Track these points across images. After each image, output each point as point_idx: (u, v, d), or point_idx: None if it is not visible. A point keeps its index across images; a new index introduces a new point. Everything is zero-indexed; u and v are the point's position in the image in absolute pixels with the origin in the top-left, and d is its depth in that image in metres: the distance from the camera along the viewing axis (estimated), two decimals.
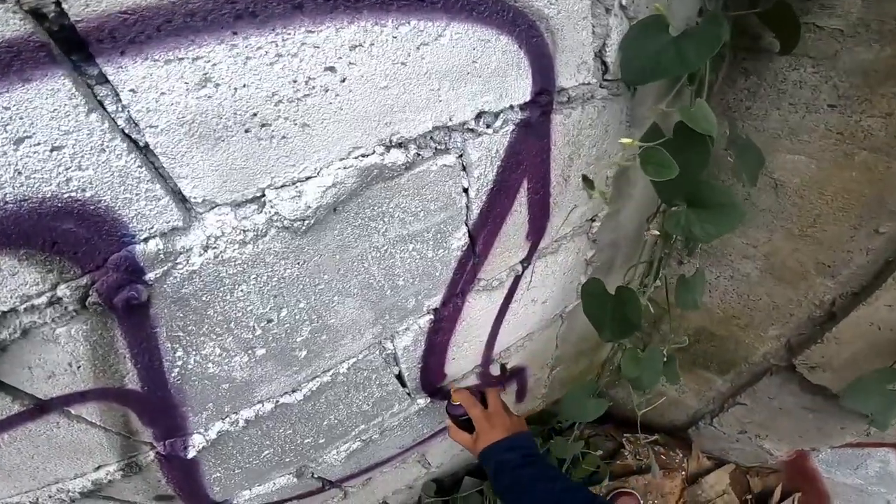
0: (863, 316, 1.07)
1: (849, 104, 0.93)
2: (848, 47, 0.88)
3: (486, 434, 0.96)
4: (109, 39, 0.37)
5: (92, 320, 0.51)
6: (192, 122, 0.43)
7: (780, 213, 1.12)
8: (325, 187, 0.53)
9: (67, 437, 0.63)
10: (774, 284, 1.23)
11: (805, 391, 1.33)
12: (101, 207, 0.44)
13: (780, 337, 1.31)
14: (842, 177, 0.99)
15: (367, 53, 0.49)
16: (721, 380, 1.57)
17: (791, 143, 1.03)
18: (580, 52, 0.72)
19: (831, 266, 1.10)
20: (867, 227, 1.01)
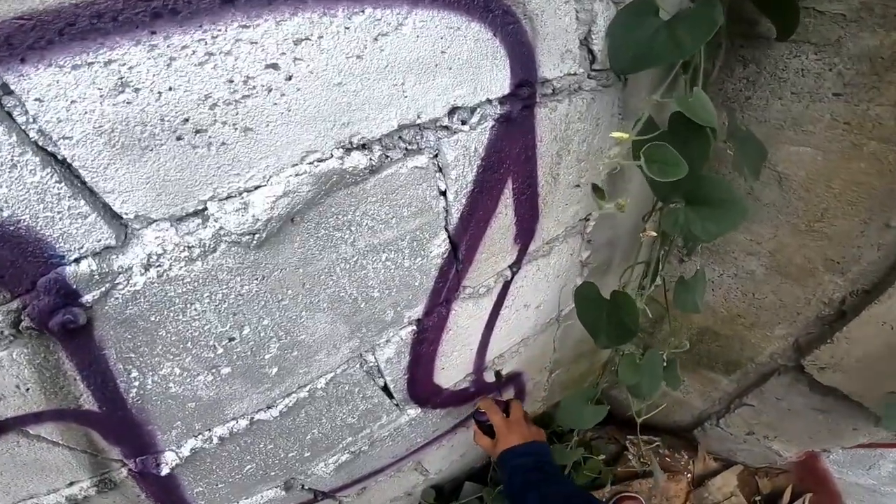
0: (875, 315, 1.03)
1: (855, 92, 0.89)
2: (852, 33, 0.84)
3: (504, 439, 1.04)
4: (6, 46, 0.33)
5: (32, 344, 0.48)
6: (111, 132, 0.39)
7: (785, 208, 1.07)
8: (276, 197, 0.49)
9: (31, 455, 0.61)
10: (781, 282, 1.19)
11: (815, 392, 1.30)
12: (21, 227, 0.40)
13: (787, 336, 1.27)
14: (850, 169, 0.95)
15: (315, 47, 0.45)
16: (727, 380, 1.53)
17: (795, 134, 0.99)
18: (563, 40, 0.68)
19: (840, 262, 1.06)
20: (878, 220, 0.97)
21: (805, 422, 1.42)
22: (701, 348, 1.50)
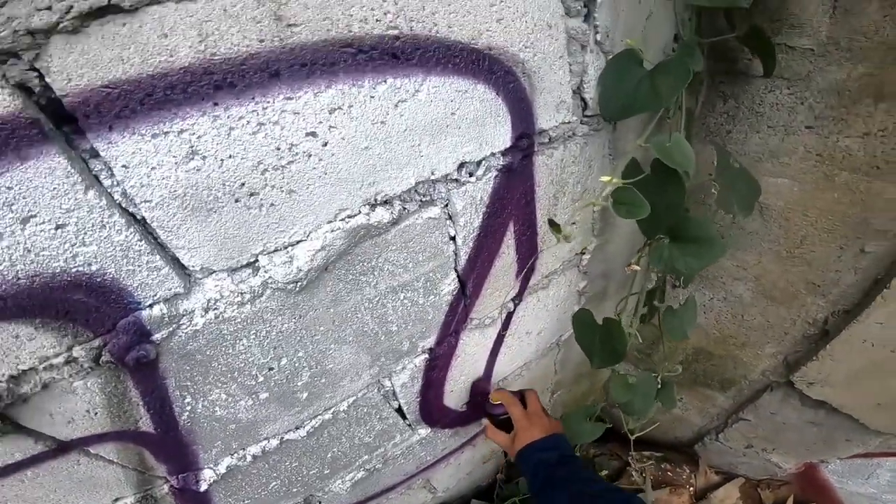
0: (855, 333, 1.08)
1: (825, 125, 0.94)
2: (820, 67, 0.89)
3: (525, 433, 0.98)
4: (96, 114, 0.41)
5: (106, 374, 0.56)
6: (183, 196, 0.48)
7: (767, 236, 1.14)
8: (315, 250, 0.57)
9: (87, 472, 0.67)
10: (767, 304, 1.25)
11: (807, 406, 1.34)
12: (107, 279, 0.48)
13: (776, 355, 1.32)
14: (824, 198, 1.00)
15: (346, 115, 0.53)
16: (723, 397, 1.58)
17: (773, 166, 1.04)
18: (558, 92, 0.75)
19: (821, 285, 1.11)
20: (853, 246, 1.01)
21: (800, 434, 1.46)
22: (697, 367, 1.55)
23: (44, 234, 0.43)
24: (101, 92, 0.40)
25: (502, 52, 0.63)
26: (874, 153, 0.90)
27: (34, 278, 0.44)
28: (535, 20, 0.65)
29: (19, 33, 0.35)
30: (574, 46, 0.73)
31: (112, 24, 0.38)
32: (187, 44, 0.41)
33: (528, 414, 1.02)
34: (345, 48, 0.49)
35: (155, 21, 0.39)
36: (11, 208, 0.40)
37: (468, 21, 0.57)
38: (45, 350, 0.49)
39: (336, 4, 0.46)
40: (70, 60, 0.38)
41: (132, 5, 0.38)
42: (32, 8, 0.34)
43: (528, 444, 0.95)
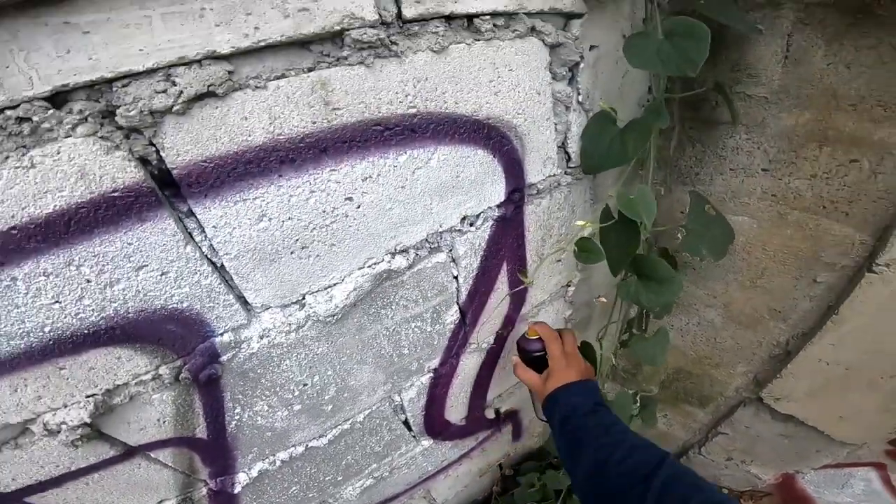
0: (812, 353, 1.18)
1: (778, 168, 1.03)
2: (773, 113, 0.98)
3: (561, 372, 0.88)
4: (196, 184, 0.54)
5: (179, 389, 0.69)
6: (254, 249, 0.62)
7: (732, 268, 1.26)
8: (349, 291, 0.72)
9: (144, 475, 0.77)
10: (736, 328, 1.36)
11: (776, 420, 1.44)
12: (193, 313, 0.62)
13: (747, 373, 1.43)
14: (780, 234, 1.12)
15: (375, 183, 0.67)
16: (703, 412, 1.68)
17: (735, 205, 1.15)
18: (545, 150, 0.87)
19: (782, 311, 1.22)
20: (807, 277, 1.12)
21: (773, 446, 1.55)
22: (678, 385, 1.66)
23: (151, 279, 0.57)
24: (201, 165, 0.53)
25: (499, 120, 0.76)
26: (820, 194, 1.00)
27: (140, 313, 0.58)
28: (527, 89, 0.77)
29: (143, 113, 0.47)
30: (559, 108, 0.85)
31: (209, 108, 0.51)
32: (261, 125, 0.54)
33: (567, 353, 0.92)
34: (375, 126, 0.63)
35: (238, 105, 0.52)
36: (130, 259, 0.54)
37: (471, 97, 0.71)
38: (139, 368, 0.63)
39: (369, 90, 0.60)
40: (179, 138, 0.51)
41: (223, 92, 0.50)
42: (152, 91, 0.47)
43: (565, 385, 0.85)
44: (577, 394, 0.84)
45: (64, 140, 0.46)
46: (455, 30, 0.65)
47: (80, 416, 0.61)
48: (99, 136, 0.47)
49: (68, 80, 0.44)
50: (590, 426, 0.77)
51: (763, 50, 0.94)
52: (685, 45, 0.72)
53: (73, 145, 0.46)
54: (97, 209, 0.50)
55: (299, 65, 0.55)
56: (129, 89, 0.46)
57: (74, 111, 0.46)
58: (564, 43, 0.78)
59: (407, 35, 0.61)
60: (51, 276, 0.51)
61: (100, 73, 0.44)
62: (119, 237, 0.52)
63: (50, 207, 0.47)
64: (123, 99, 0.47)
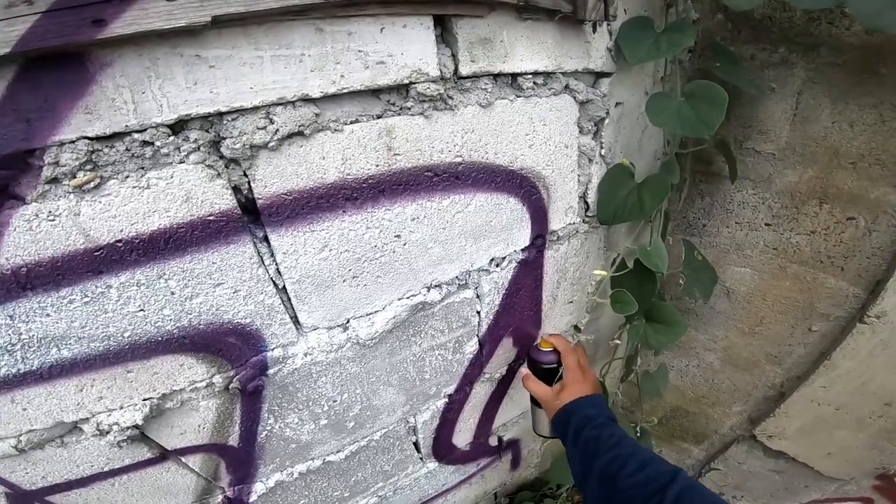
0: (804, 395, 1.25)
1: (780, 223, 1.09)
2: (779, 170, 1.03)
3: (577, 385, 0.88)
4: (276, 214, 0.60)
5: (225, 397, 0.73)
6: (314, 276, 0.68)
7: (732, 315, 1.33)
8: (388, 319, 0.78)
9: (169, 479, 0.79)
10: (734, 371, 1.43)
11: (768, 456, 1.49)
12: (253, 329, 0.68)
13: (742, 412, 1.49)
14: (779, 286, 1.18)
15: (421, 223, 0.73)
16: (697, 449, 1.73)
17: (738, 257, 1.22)
18: (568, 199, 0.93)
19: (777, 356, 1.29)
20: (802, 326, 1.19)
21: (764, 482, 1.60)
22: (674, 423, 1.72)
23: (226, 295, 0.63)
24: (282, 198, 0.59)
25: (531, 171, 0.82)
26: (818, 249, 1.06)
27: (210, 325, 0.64)
28: (557, 143, 0.84)
29: (245, 146, 0.53)
30: (583, 160, 0.91)
31: (295, 146, 0.57)
32: (334, 165, 0.61)
33: (582, 367, 0.92)
34: (426, 172, 0.70)
35: (319, 145, 0.58)
36: (211, 277, 0.60)
37: (509, 149, 0.77)
38: (196, 376, 0.68)
39: (425, 139, 0.67)
40: (268, 171, 0.56)
41: (310, 132, 0.57)
42: (255, 126, 0.53)
43: (581, 397, 0.86)
44: (593, 405, 0.85)
45: (178, 165, 0.51)
46: (500, 86, 0.72)
47: (134, 419, 0.65)
48: (206, 164, 0.53)
49: (191, 111, 0.49)
50: (604, 437, 0.77)
51: (774, 107, 1.00)
52: (703, 107, 0.78)
53: (185, 171, 0.52)
54: (194, 230, 0.55)
55: (370, 112, 0.62)
56: (236, 123, 0.52)
57: (190, 139, 0.51)
58: (593, 100, 0.84)
59: (460, 90, 0.68)
60: (142, 287, 0.56)
61: (217, 107, 0.50)
62: (207, 256, 0.58)
63: (155, 225, 0.53)
64: (231, 132, 0.52)
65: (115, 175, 0.49)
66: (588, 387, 0.89)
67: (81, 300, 0.54)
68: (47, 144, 0.45)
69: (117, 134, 0.47)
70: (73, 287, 0.53)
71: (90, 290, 0.54)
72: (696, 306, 1.39)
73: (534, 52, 0.71)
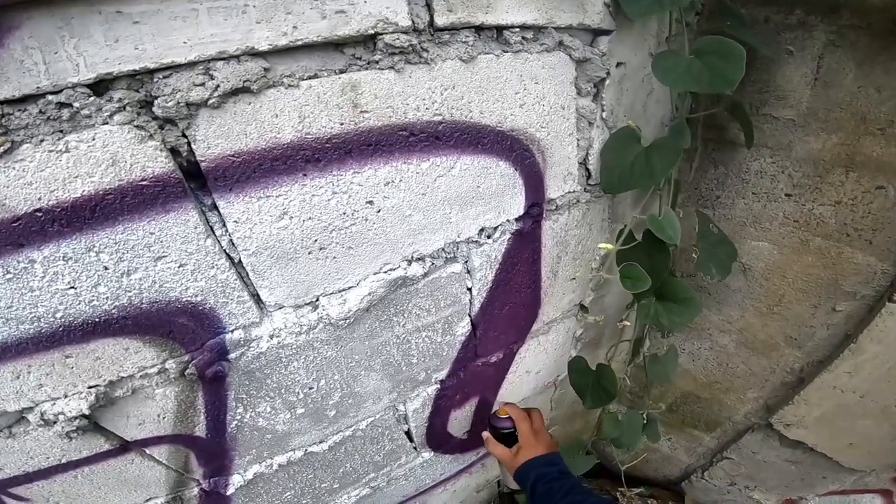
0: (826, 381, 1.17)
1: (802, 193, 1.02)
2: (800, 137, 0.96)
3: (530, 448, 1.04)
4: (223, 178, 0.53)
5: (183, 384, 0.67)
6: (273, 247, 0.61)
7: (749, 294, 1.24)
8: (363, 295, 0.70)
9: (135, 472, 0.76)
10: (750, 355, 1.34)
11: (785, 445, 1.42)
12: (206, 308, 0.61)
13: (758, 399, 1.41)
14: (800, 262, 1.10)
15: (397, 188, 0.66)
16: (708, 437, 1.66)
17: (755, 230, 1.14)
18: (566, 165, 0.86)
19: (797, 339, 1.21)
20: (826, 305, 1.11)
21: (779, 472, 1.53)
22: (684, 409, 1.64)
23: (170, 270, 0.56)
24: (229, 160, 0.53)
25: (522, 132, 0.75)
26: (844, 221, 0.98)
27: (154, 304, 0.57)
28: (552, 103, 0.77)
29: (180, 104, 0.47)
30: (582, 123, 0.84)
31: (242, 103, 0.51)
32: (290, 124, 0.54)
33: (534, 430, 1.07)
34: (401, 132, 0.62)
35: (270, 102, 0.52)
36: (150, 249, 0.53)
37: (497, 108, 0.70)
38: (145, 361, 0.61)
39: (397, 95, 0.60)
40: (211, 131, 0.50)
41: (258, 88, 0.50)
42: (191, 83, 0.47)
43: (532, 458, 1.00)
44: (546, 464, 1.00)
45: (101, 127, 0.46)
46: (484, 41, 0.65)
47: (80, 408, 0.60)
48: (135, 124, 0.47)
49: (112, 69, 0.44)
50: (555, 489, 0.92)
51: (792, 72, 0.93)
52: (719, 63, 0.71)
53: (109, 132, 0.46)
54: (124, 197, 0.49)
55: (332, 66, 0.55)
56: (169, 80, 0.47)
57: (114, 99, 0.46)
58: (591, 59, 0.77)
59: (437, 43, 0.61)
60: (70, 261, 0.50)
61: (144, 64, 0.45)
62: (142, 226, 0.52)
63: (78, 192, 0.47)
64: (163, 90, 0.47)
65: (29, 139, 0.44)
66: (541, 448, 1.04)
67: (3, 276, 0.49)
68: None
69: (30, 96, 0.43)
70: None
71: (11, 266, 0.48)
72: (708, 284, 1.30)
73: (521, 2, 0.64)
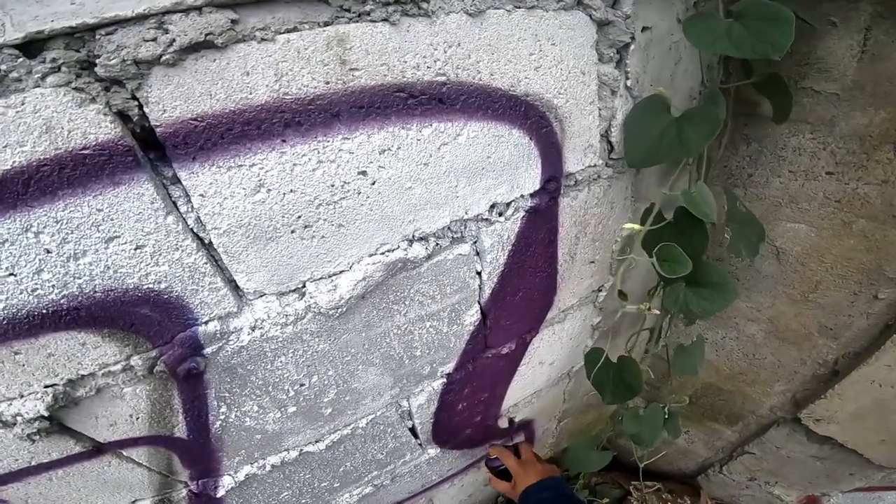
0: (864, 374, 1.10)
1: (846, 171, 0.95)
2: (844, 112, 0.90)
3: (522, 480, 1.13)
4: (183, 145, 0.45)
5: (155, 383, 0.60)
6: (248, 225, 0.52)
7: (782, 280, 1.16)
8: (357, 281, 0.62)
9: (115, 474, 0.70)
10: (779, 345, 1.27)
11: (812, 441, 1.37)
12: (172, 296, 0.53)
13: (786, 392, 1.35)
14: (841, 245, 1.03)
15: (394, 157, 0.57)
16: (730, 430, 1.60)
17: (792, 211, 1.07)
18: (587, 137, 0.78)
19: (833, 328, 1.14)
20: (866, 293, 1.04)
21: (804, 468, 1.48)
22: (705, 402, 1.57)
23: (124, 253, 0.48)
24: (191, 124, 0.45)
25: (538, 98, 0.66)
26: (891, 201, 0.92)
27: (109, 292, 0.49)
28: (570, 67, 0.69)
29: (127, 62, 0.40)
30: (605, 91, 0.76)
31: (205, 60, 0.43)
32: (265, 83, 0.46)
33: (522, 463, 1.18)
34: (398, 93, 0.54)
35: (240, 59, 0.44)
36: (99, 228, 0.45)
37: (508, 69, 0.61)
38: (106, 358, 0.54)
39: (393, 51, 0.51)
40: (167, 92, 0.42)
41: (223, 42, 0.42)
42: (140, 38, 0.39)
43: (527, 487, 1.09)
44: (539, 490, 1.08)
45: (31, 90, 0.39)
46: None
47: (37, 409, 0.54)
48: (73, 87, 0.40)
49: (44, 27, 0.37)
50: None
51: (836, 44, 0.86)
52: (763, 27, 0.64)
53: (41, 96, 0.39)
54: (62, 168, 0.42)
55: (315, 18, 0.47)
56: (113, 37, 0.39)
57: (47, 60, 0.39)
58: (614, 21, 0.69)
59: None
60: (5, 244, 0.43)
61: (81, 20, 0.38)
62: (87, 201, 0.44)
63: (8, 164, 0.40)
64: (106, 48, 0.39)
65: None
66: (532, 476, 1.13)
67: None
68: None
69: None
70: None
71: None
72: (737, 269, 1.22)
73: None
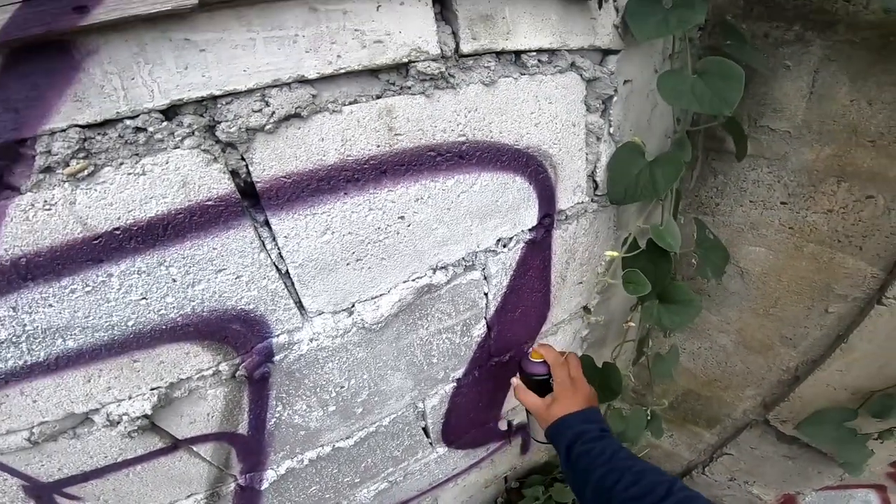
0: (820, 379, 1.23)
1: (797, 201, 1.07)
2: (795, 148, 1.01)
3: (567, 399, 0.86)
4: (276, 197, 0.59)
5: (233, 385, 0.73)
6: (316, 259, 0.67)
7: (746, 296, 1.30)
8: (394, 302, 0.77)
9: (181, 469, 0.80)
10: (747, 354, 1.40)
11: (782, 441, 1.48)
12: (257, 315, 0.67)
13: (755, 396, 1.47)
14: (795, 266, 1.16)
15: (425, 204, 0.72)
16: (709, 433, 1.72)
17: (752, 236, 1.20)
18: (576, 178, 0.91)
19: (792, 339, 1.27)
20: (819, 307, 1.17)
21: (776, 467, 1.59)
22: (686, 406, 1.70)
23: (228, 281, 0.62)
24: (281, 181, 0.58)
25: (537, 149, 0.80)
26: (836, 228, 1.04)
27: (213, 312, 0.63)
28: (564, 121, 0.82)
29: (241, 129, 0.52)
30: (591, 138, 0.89)
31: (293, 128, 0.56)
32: (334, 146, 0.59)
33: (572, 379, 0.89)
34: (429, 152, 0.68)
35: (317, 127, 0.57)
36: (213, 262, 0.59)
37: (514, 127, 0.76)
38: (203, 364, 0.67)
39: (427, 118, 0.65)
40: (266, 154, 0.56)
41: (307, 114, 0.56)
42: (250, 109, 0.52)
43: (572, 412, 0.83)
44: (584, 420, 0.82)
45: (173, 151, 0.51)
46: (504, 64, 0.71)
47: (143, 408, 0.65)
48: (202, 148, 0.52)
49: (183, 95, 0.48)
50: (597, 451, 0.75)
51: (789, 85, 0.98)
52: (719, 84, 0.75)
53: (181, 156, 0.51)
54: (192, 215, 0.55)
55: (370, 92, 0.60)
56: (231, 107, 0.51)
57: (184, 124, 0.50)
58: (600, 77, 0.82)
59: (462, 69, 0.66)
60: (143, 275, 0.56)
61: (209, 91, 0.49)
62: (207, 242, 0.57)
63: (153, 212, 0.52)
64: (226, 115, 0.51)
65: (109, 162, 0.49)
66: (579, 400, 0.86)
67: (83, 289, 0.54)
68: (38, 133, 0.45)
69: (109, 121, 0.47)
70: (74, 276, 0.52)
71: (91, 280, 0.54)
72: (708, 287, 1.36)
73: (537, 28, 0.69)
